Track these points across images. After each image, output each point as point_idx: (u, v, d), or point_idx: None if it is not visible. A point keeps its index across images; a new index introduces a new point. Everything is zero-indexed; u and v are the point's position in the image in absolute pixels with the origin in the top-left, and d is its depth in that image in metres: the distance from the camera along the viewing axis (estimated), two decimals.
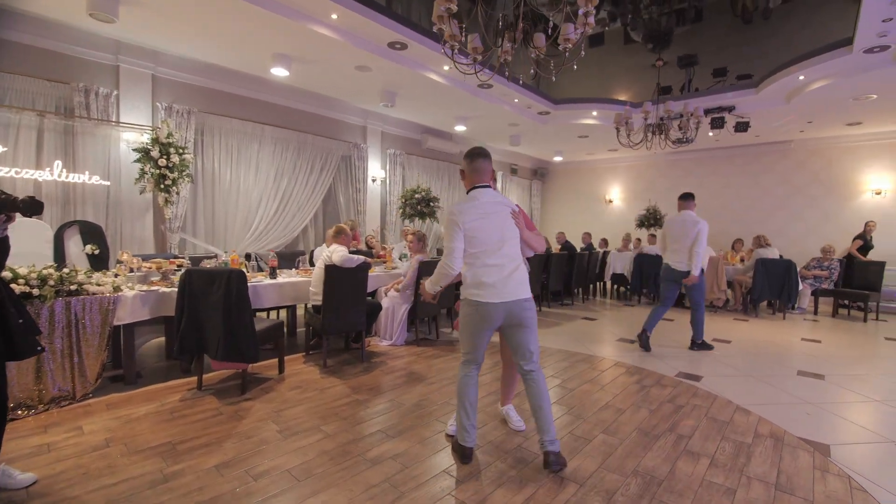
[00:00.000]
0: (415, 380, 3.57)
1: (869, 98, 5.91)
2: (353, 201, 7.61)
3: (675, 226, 4.60)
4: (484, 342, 2.31)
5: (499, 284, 2.21)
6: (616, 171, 11.53)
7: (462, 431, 2.29)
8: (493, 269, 2.22)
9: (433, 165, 9.14)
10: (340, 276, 3.76)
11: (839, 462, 2.41)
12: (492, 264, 2.22)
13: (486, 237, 2.23)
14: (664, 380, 3.72)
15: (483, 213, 2.24)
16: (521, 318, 2.24)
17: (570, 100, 7.42)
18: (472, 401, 2.31)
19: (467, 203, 2.27)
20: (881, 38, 4.32)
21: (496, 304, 2.20)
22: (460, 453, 2.29)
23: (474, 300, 2.22)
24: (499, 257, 2.23)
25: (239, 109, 6.19)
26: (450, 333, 5.17)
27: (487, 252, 2.23)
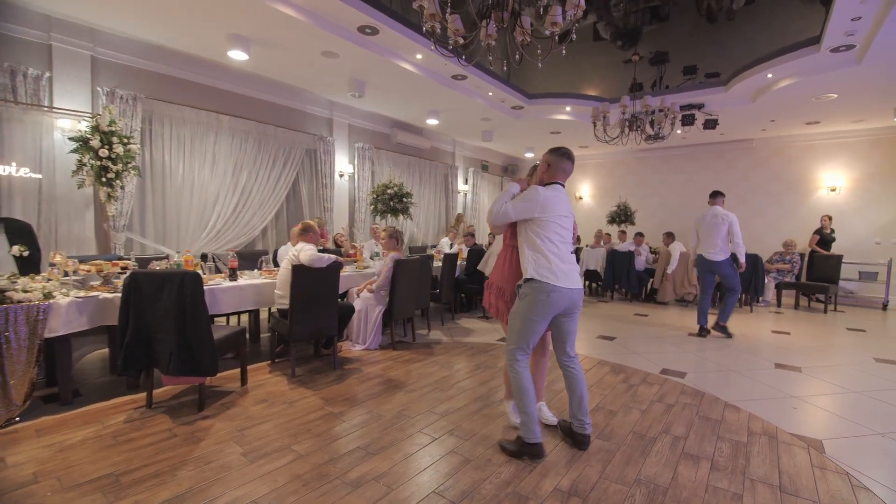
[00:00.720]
0: (393, 387, 3.34)
1: (829, 97, 6.16)
2: (320, 197, 7.25)
3: (706, 221, 5.07)
4: (544, 329, 2.40)
5: (572, 273, 2.38)
6: (585, 168, 11.65)
7: (532, 427, 2.29)
8: (569, 259, 2.40)
9: (404, 161, 8.88)
10: (309, 276, 3.47)
11: (834, 458, 2.38)
12: (567, 254, 2.40)
13: (567, 230, 2.43)
14: (650, 377, 3.66)
15: (567, 209, 2.44)
16: (579, 306, 2.43)
17: (544, 94, 7.35)
18: (533, 392, 2.36)
19: (554, 193, 2.41)
20: (848, 37, 4.45)
21: (570, 289, 2.34)
22: (534, 452, 2.29)
23: (550, 283, 2.29)
24: (571, 250, 2.46)
25: (193, 97, 5.71)
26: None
27: (566, 243, 2.42)
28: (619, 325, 5.72)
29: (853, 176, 8.25)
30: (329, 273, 3.58)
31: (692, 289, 7.24)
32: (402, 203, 6.44)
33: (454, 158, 10.37)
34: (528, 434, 2.29)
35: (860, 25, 4.19)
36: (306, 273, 3.44)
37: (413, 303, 4.67)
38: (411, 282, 4.54)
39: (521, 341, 2.34)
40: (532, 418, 2.29)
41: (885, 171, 7.99)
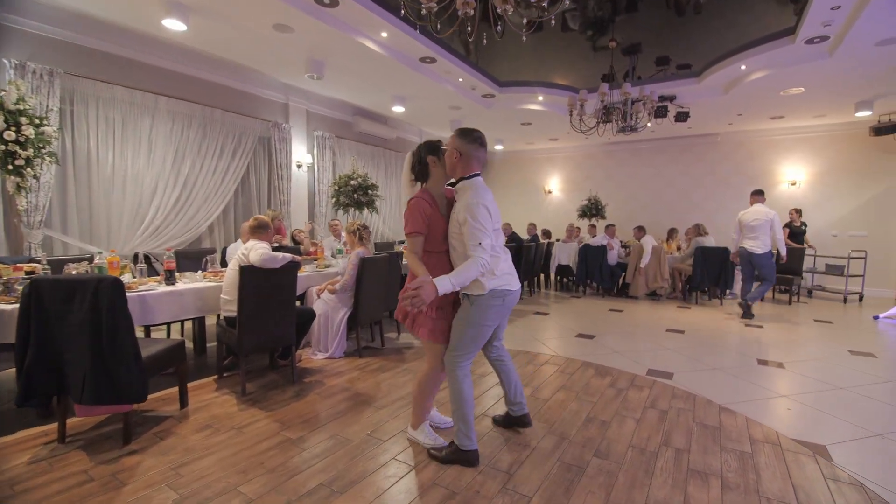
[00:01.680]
0: (361, 403, 2.97)
1: (796, 91, 6.25)
2: (275, 190, 6.69)
3: (749, 217, 5.66)
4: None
5: (515, 274, 2.28)
6: (554, 161, 11.58)
7: (471, 435, 2.20)
8: (506, 257, 2.26)
9: (367, 151, 8.41)
10: (261, 279, 3.03)
11: (844, 466, 2.24)
12: (503, 252, 2.24)
13: (498, 225, 2.22)
14: (637, 380, 3.48)
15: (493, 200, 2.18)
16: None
17: (516, 83, 7.10)
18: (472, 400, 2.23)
19: (483, 188, 2.16)
20: (825, 28, 4.44)
21: (517, 290, 2.25)
22: (470, 458, 2.20)
23: (504, 289, 2.17)
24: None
25: (124, 74, 5.04)
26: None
27: (501, 240, 2.25)
28: (595, 323, 5.58)
29: (812, 170, 8.55)
30: (284, 274, 3.15)
31: (664, 283, 7.25)
32: (367, 196, 6.00)
33: None
34: (466, 442, 2.20)
35: (838, 15, 4.17)
36: (257, 275, 3.00)
37: (381, 304, 4.30)
38: (379, 281, 4.16)
39: (470, 349, 2.20)
40: (471, 426, 2.20)
41: (840, 166, 8.32)
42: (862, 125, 7.86)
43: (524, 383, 3.38)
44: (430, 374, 2.29)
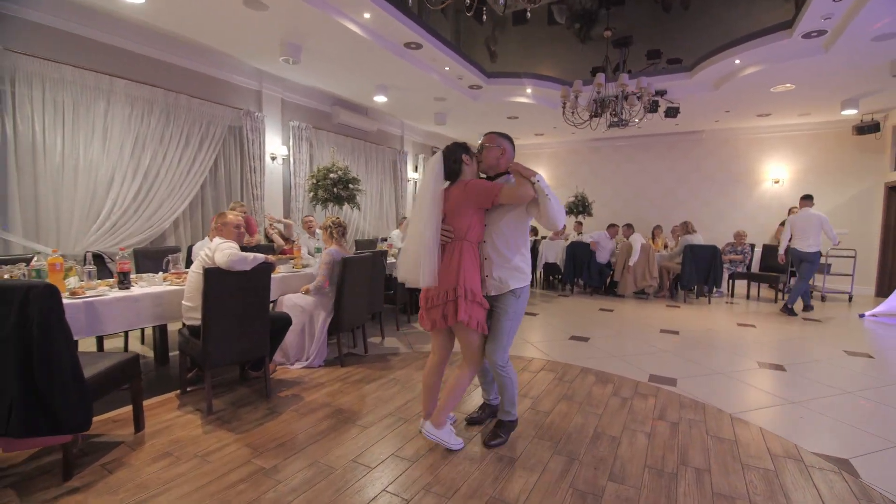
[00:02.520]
0: (344, 421, 2.68)
1: (787, 88, 6.21)
2: (248, 183, 6.26)
3: (800, 220, 6.09)
4: None
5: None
6: (540, 157, 11.43)
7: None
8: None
9: (347, 144, 8.03)
10: (229, 283, 2.69)
11: (874, 485, 2.09)
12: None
13: None
14: (641, 387, 3.30)
15: None
16: None
17: (504, 74, 6.86)
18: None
19: None
20: (825, 21, 4.35)
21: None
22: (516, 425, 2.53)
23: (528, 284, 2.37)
24: None
25: (74, 53, 4.55)
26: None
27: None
28: (587, 323, 5.42)
29: (795, 169, 8.63)
30: (256, 277, 2.82)
31: (653, 281, 7.16)
32: (347, 190, 5.65)
33: (403, 143, 9.65)
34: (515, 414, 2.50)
35: (839, 8, 4.08)
36: (224, 278, 2.66)
37: (365, 307, 4.00)
38: (362, 282, 3.86)
39: (511, 342, 2.36)
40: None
41: (821, 165, 8.42)
42: (845, 124, 7.96)
43: (522, 393, 3.15)
44: (473, 369, 2.35)
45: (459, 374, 2.34)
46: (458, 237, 2.21)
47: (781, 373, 3.68)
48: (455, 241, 2.21)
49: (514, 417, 2.48)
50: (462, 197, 2.21)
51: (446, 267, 2.20)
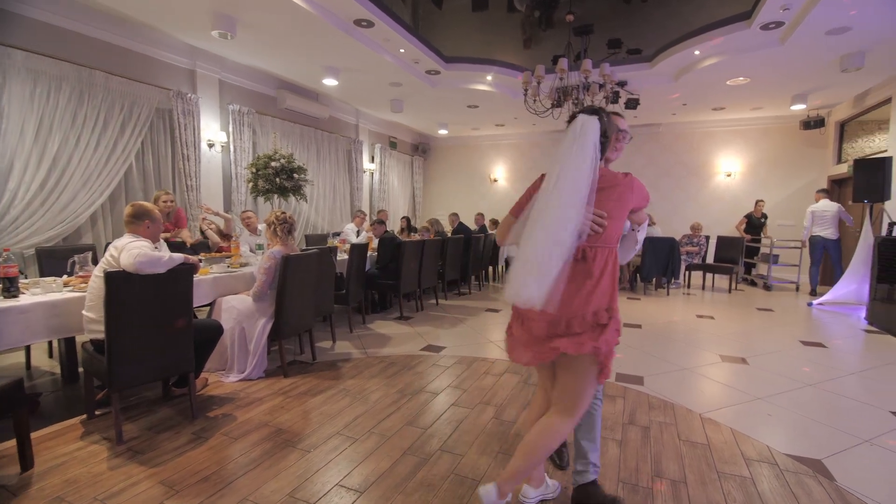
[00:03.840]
0: (283, 445, 2.35)
1: (742, 82, 6.33)
2: (180, 173, 5.69)
3: (820, 209, 6.82)
4: None
5: None
6: (500, 148, 11.31)
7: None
8: None
9: (296, 131, 7.53)
10: (139, 289, 2.29)
11: (849, 488, 2.02)
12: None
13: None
14: (608, 388, 3.17)
15: None
16: None
17: (463, 59, 6.60)
18: None
19: None
20: (783, 12, 4.39)
21: None
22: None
23: None
24: None
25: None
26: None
27: None
28: None
29: (746, 162, 8.95)
30: (175, 281, 2.43)
31: None
32: (292, 180, 5.22)
33: (358, 132, 9.22)
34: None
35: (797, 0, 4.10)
36: (133, 284, 2.26)
37: (311, 310, 3.65)
38: (308, 282, 3.51)
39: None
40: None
41: (771, 158, 8.78)
42: (793, 119, 8.30)
43: (485, 400, 2.94)
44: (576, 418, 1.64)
45: (554, 421, 1.64)
46: (609, 243, 1.60)
47: (744, 366, 3.68)
48: (603, 248, 1.58)
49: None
50: (627, 193, 1.61)
51: (596, 280, 1.55)
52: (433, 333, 4.61)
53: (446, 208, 10.88)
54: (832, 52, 5.23)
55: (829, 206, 6.78)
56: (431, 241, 5.83)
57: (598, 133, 1.55)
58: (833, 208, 6.73)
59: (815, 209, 6.90)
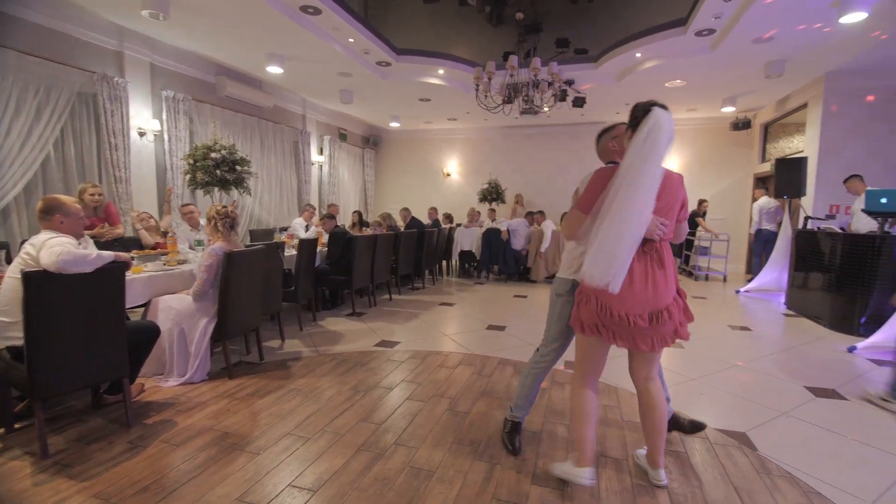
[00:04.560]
0: (230, 448, 2.28)
1: (679, 84, 6.76)
2: (107, 163, 5.27)
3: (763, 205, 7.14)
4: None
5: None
6: (453, 142, 11.38)
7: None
8: None
9: (237, 121, 7.19)
10: (62, 290, 2.13)
11: (770, 456, 2.26)
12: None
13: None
14: (557, 375, 3.32)
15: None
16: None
17: (415, 51, 6.57)
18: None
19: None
20: (715, 20, 4.72)
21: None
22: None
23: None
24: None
25: None
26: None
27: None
28: (503, 311, 5.45)
29: (682, 161, 9.57)
30: (104, 280, 2.27)
31: None
32: (234, 172, 4.99)
33: (305, 123, 8.94)
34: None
35: (728, 8, 4.44)
36: (55, 284, 2.09)
37: (257, 308, 3.54)
38: (254, 280, 3.40)
39: None
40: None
41: (704, 157, 9.45)
42: (724, 121, 8.97)
43: (439, 393, 2.99)
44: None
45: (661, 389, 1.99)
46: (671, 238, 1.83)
47: (681, 350, 3.97)
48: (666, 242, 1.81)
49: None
50: (679, 190, 1.82)
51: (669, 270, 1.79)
52: (387, 329, 4.60)
53: (399, 202, 10.82)
54: (757, 60, 5.71)
55: (771, 202, 7.25)
56: (384, 235, 5.79)
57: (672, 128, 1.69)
58: (774, 204, 7.21)
59: (760, 205, 7.33)
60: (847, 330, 4.54)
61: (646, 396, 1.95)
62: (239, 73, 6.96)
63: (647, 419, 1.95)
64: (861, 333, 4.35)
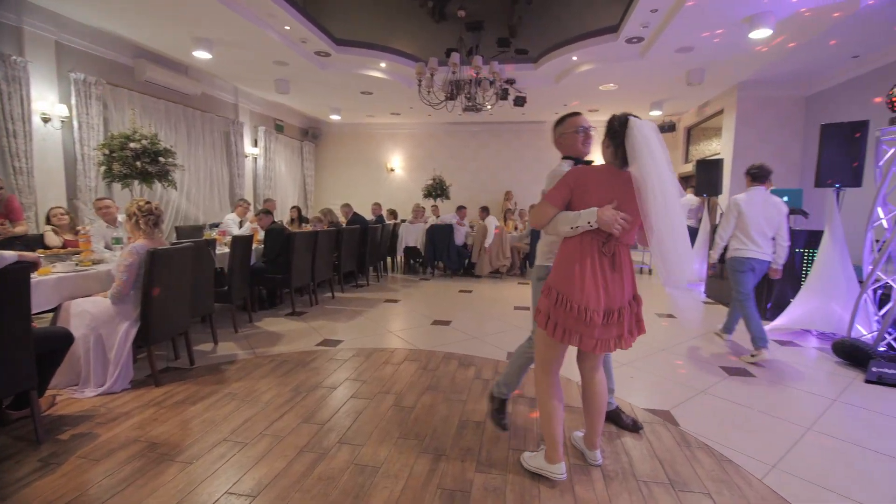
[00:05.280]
0: (159, 459, 2.16)
1: (611, 87, 7.18)
2: (6, 152, 4.73)
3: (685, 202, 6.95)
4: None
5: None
6: (396, 137, 11.33)
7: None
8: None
9: (160, 108, 6.70)
10: None
11: (690, 431, 2.50)
12: None
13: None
14: (500, 366, 3.44)
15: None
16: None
17: (356, 43, 6.46)
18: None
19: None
20: (643, 29, 5.07)
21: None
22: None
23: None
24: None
25: None
26: None
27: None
28: (448, 306, 5.54)
29: None
30: (4, 283, 2.06)
31: (506, 261, 7.73)
32: (157, 164, 4.64)
33: (238, 112, 8.51)
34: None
35: (654, 18, 4.79)
36: None
37: (186, 310, 3.35)
38: (181, 280, 3.21)
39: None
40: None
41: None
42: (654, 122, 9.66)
43: (384, 389, 3.00)
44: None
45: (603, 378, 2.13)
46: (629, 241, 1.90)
47: None
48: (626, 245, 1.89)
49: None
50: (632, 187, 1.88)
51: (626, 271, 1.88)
52: (329, 327, 4.52)
53: (341, 198, 10.60)
54: (680, 68, 6.21)
55: (694, 200, 7.60)
56: (325, 231, 5.67)
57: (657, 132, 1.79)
58: (697, 201, 7.56)
59: (683, 202, 8.06)
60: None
61: (590, 385, 2.08)
62: (161, 56, 6.49)
63: (589, 405, 2.08)
64: (767, 318, 4.89)
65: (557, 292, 1.82)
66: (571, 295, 1.78)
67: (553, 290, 1.84)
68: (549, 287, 1.87)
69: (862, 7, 4.38)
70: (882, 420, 2.68)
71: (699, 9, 4.43)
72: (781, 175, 7.13)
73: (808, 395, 3.02)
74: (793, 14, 4.56)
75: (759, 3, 4.37)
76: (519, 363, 2.43)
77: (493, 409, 2.49)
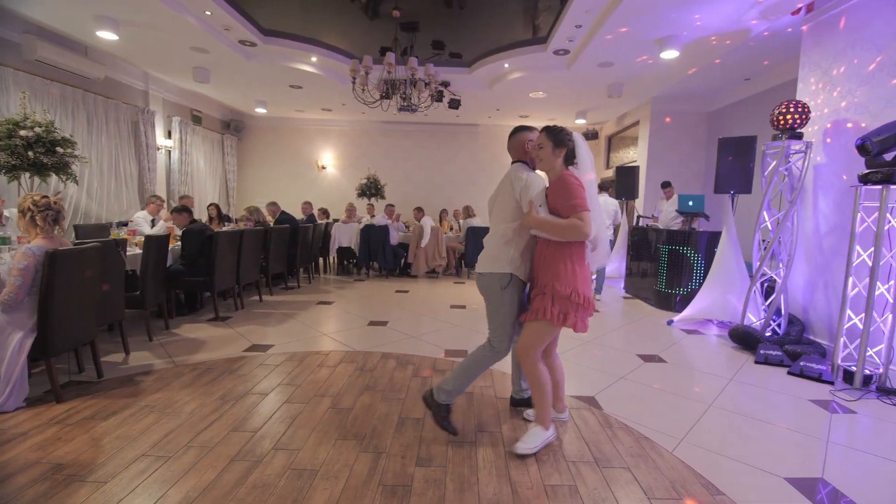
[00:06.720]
0: (68, 481, 1.96)
1: (541, 95, 7.57)
2: None
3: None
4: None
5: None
6: (328, 134, 11.05)
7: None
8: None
9: (54, 92, 6.00)
10: None
11: (611, 413, 2.73)
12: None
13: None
14: (438, 363, 3.53)
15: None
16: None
17: (285, 34, 6.23)
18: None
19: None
20: (569, 42, 5.41)
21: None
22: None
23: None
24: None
25: None
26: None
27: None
28: (385, 307, 5.54)
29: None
30: None
31: (442, 261, 7.86)
32: (54, 155, 4.15)
33: (148, 100, 7.83)
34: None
35: (579, 34, 5.14)
36: None
37: (92, 318, 3.06)
38: (86, 284, 2.93)
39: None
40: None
41: None
42: (577, 131, 10.30)
43: (320, 392, 2.96)
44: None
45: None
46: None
47: None
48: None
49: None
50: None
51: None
52: (258, 332, 4.33)
53: (267, 196, 10.14)
54: (602, 81, 6.71)
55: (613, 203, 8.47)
56: (252, 231, 5.41)
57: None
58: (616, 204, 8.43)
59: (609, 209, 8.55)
60: (668, 307, 5.64)
61: (554, 361, 2.55)
62: (56, 33, 5.81)
63: (555, 377, 2.51)
64: (677, 310, 5.44)
65: (581, 294, 2.13)
66: (587, 291, 2.17)
67: (574, 293, 2.12)
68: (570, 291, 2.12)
69: (751, 37, 5.04)
70: (768, 395, 3.12)
71: (617, 27, 4.84)
72: (688, 182, 7.95)
73: (710, 377, 3.42)
74: (698, 38, 5.13)
75: (669, 27, 4.87)
76: (474, 370, 2.39)
77: (440, 416, 2.39)
